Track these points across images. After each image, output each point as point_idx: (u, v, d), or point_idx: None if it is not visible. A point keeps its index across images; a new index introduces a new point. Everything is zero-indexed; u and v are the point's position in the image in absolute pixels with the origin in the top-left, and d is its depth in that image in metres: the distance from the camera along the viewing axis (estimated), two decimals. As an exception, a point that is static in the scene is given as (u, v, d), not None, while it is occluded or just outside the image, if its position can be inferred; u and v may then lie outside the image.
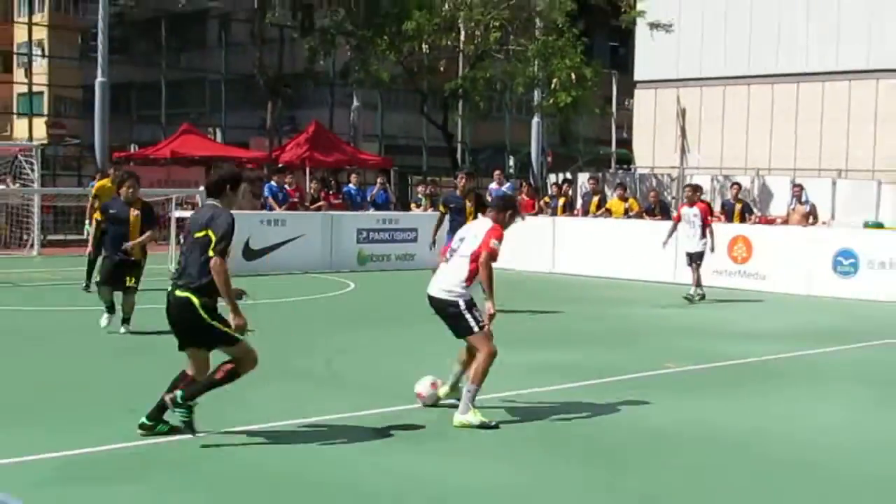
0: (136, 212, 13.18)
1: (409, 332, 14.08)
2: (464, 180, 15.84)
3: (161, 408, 7.78)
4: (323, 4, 34.38)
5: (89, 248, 17.65)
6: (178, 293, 7.71)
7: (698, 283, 18.59)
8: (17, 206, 27.80)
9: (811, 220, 24.39)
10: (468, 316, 8.66)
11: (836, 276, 19.85)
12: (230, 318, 7.66)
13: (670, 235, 18.79)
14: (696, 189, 19.33)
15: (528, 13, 33.53)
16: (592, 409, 9.38)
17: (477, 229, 9.01)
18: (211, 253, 7.57)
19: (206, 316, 7.67)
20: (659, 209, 24.48)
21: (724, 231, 20.83)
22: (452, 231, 15.50)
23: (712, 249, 18.74)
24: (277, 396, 9.48)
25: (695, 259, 18.62)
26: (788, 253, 20.53)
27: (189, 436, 7.70)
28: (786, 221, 25.04)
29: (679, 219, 18.97)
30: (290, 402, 9.32)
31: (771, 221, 26.30)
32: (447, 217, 15.84)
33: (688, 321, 16.04)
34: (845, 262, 19.85)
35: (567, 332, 14.65)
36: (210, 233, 7.63)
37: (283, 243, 22.61)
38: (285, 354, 11.67)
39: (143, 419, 7.85)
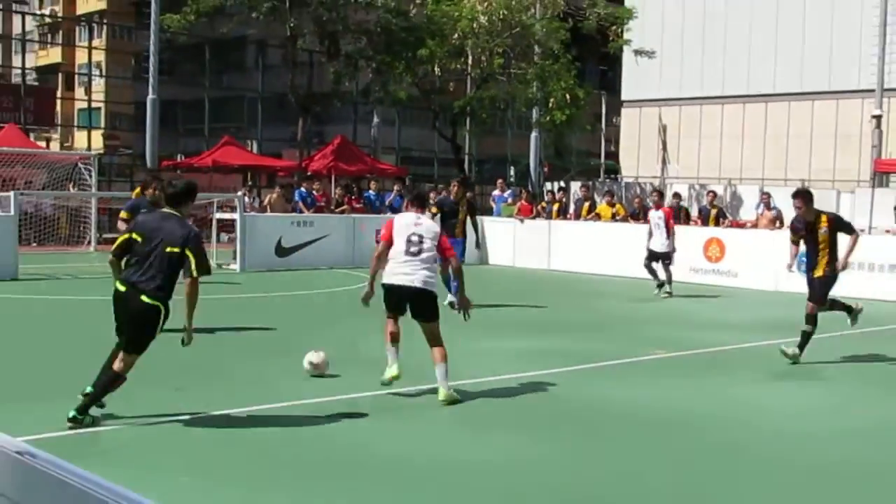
0: None
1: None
2: (456, 187, 15.81)
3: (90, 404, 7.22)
4: (347, 33, 34.29)
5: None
6: (147, 299, 7.16)
7: (670, 281, 18.39)
8: (76, 208, 27.81)
9: (778, 224, 24.24)
10: (436, 305, 8.90)
11: (801, 275, 19.68)
12: (185, 332, 7.34)
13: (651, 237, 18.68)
14: (661, 195, 19.33)
15: (527, 41, 33.48)
16: (577, 391, 9.32)
17: (433, 231, 9.00)
18: (194, 274, 7.20)
19: (160, 327, 7.30)
20: (642, 214, 24.37)
21: (700, 233, 20.75)
22: (446, 230, 15.48)
23: (673, 249, 18.49)
24: (300, 377, 9.44)
25: (662, 258, 18.41)
26: (757, 253, 20.43)
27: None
28: (755, 225, 24.91)
29: (672, 225, 18.76)
30: (322, 380, 9.25)
31: (742, 225, 26.17)
32: (438, 217, 15.70)
33: (666, 313, 15.96)
34: (808, 262, 19.72)
35: (558, 322, 14.57)
36: (189, 253, 7.22)
37: (311, 242, 22.59)
38: (311, 338, 11.64)
39: (74, 412, 7.12)
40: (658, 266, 18.40)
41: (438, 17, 32.64)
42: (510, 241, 24.73)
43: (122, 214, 12.37)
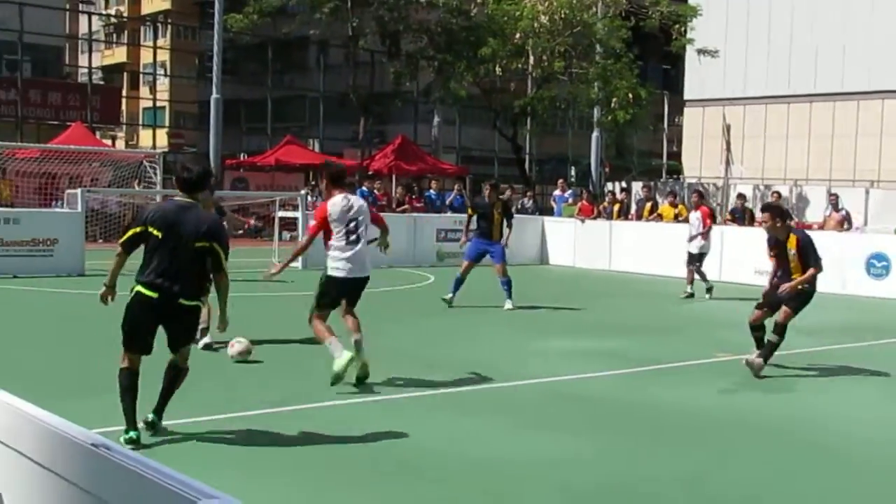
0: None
1: (481, 319, 14.03)
2: (489, 190, 15.69)
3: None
4: (408, 32, 34.38)
5: None
6: (185, 302, 6.69)
7: (703, 279, 18.09)
8: (141, 206, 28.21)
9: (846, 225, 23.85)
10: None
11: (870, 278, 19.39)
12: (219, 320, 6.99)
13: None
14: (701, 195, 19.20)
15: (589, 40, 33.31)
16: (639, 393, 9.24)
17: (364, 210, 9.01)
18: (224, 268, 6.78)
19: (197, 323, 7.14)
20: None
21: (765, 235, 20.38)
22: (482, 234, 15.42)
23: (707, 250, 18.18)
24: (377, 373, 9.48)
25: (697, 259, 18.13)
26: (825, 256, 20.01)
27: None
28: (822, 227, 24.50)
29: (709, 224, 18.40)
30: (389, 379, 9.28)
31: (808, 227, 25.73)
32: (475, 219, 15.67)
33: (731, 315, 15.74)
34: (878, 265, 19.38)
35: (618, 323, 14.45)
36: (216, 247, 6.70)
37: (372, 240, 22.61)
38: (377, 336, 11.69)
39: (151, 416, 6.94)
40: (695, 267, 18.12)
41: (499, 17, 32.62)
42: (571, 241, 24.64)
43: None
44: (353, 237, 8.74)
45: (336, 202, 8.81)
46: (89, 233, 20.90)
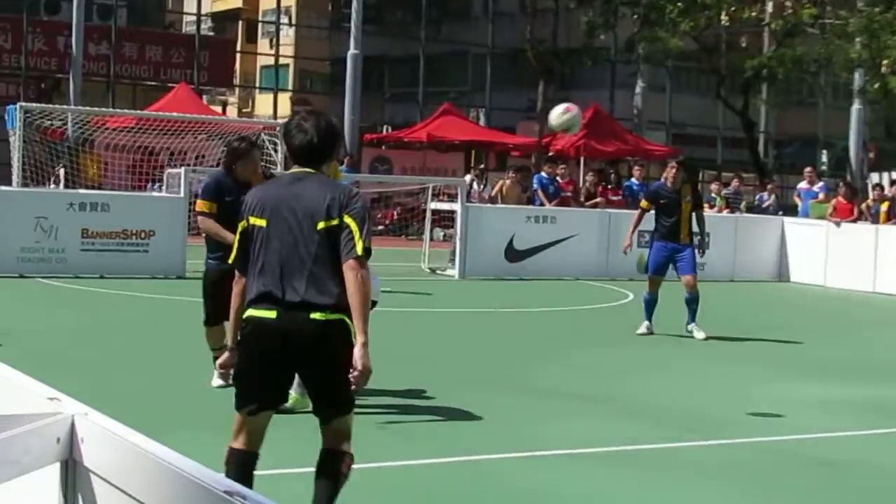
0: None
1: (691, 352, 13.90)
2: (675, 170, 14.94)
3: None
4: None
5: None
6: (320, 316, 5.53)
7: None
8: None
9: None
10: None
11: None
12: (359, 352, 5.49)
13: None
14: None
15: (851, -21, 32.67)
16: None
17: None
18: (359, 252, 5.53)
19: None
20: None
21: None
22: (662, 236, 14.80)
23: None
24: (549, 419, 9.54)
25: None
26: None
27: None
28: None
29: None
30: (564, 428, 9.34)
31: None
32: (653, 214, 14.88)
33: None
34: None
35: (880, 365, 14.09)
36: (349, 221, 5.58)
37: (553, 244, 22.74)
38: (555, 371, 11.77)
39: None
40: None
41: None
42: (821, 251, 24.15)
43: (201, 205, 10.06)
44: None
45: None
46: (191, 223, 21.40)
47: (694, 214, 14.88)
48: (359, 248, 5.51)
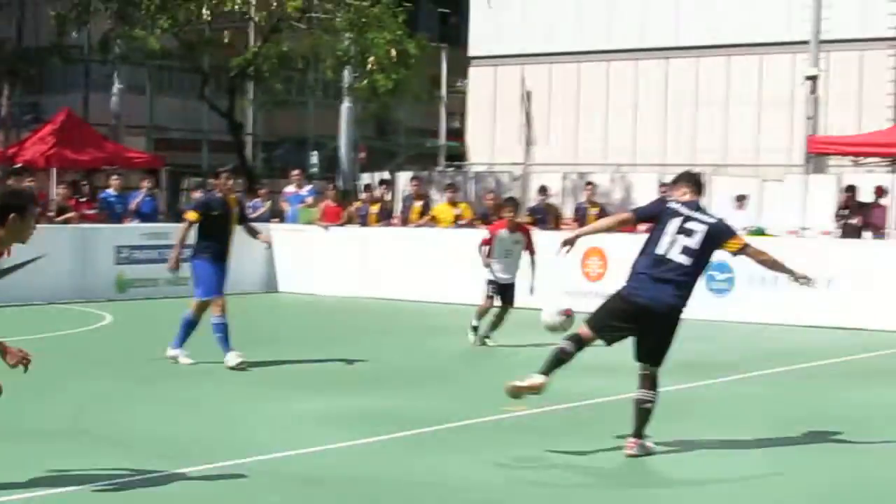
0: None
1: (175, 379, 13.99)
2: (224, 180, 15.12)
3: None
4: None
5: None
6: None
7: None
8: None
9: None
10: None
11: (710, 294, 20.09)
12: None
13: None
14: (516, 204, 18.60)
15: (335, -29, 33.60)
16: (402, 466, 9.53)
17: None
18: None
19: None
20: (498, 217, 24.67)
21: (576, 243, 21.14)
22: (212, 245, 14.85)
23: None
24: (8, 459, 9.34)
25: (506, 293, 17.49)
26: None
27: None
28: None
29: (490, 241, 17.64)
30: (23, 465, 9.16)
31: (633, 229, 26.86)
32: (196, 228, 15.00)
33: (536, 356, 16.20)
34: (720, 277, 20.35)
35: (382, 373, 14.72)
36: None
37: (19, 265, 22.05)
38: (19, 407, 11.49)
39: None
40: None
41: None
42: (310, 258, 24.80)
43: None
44: None
45: None
46: None
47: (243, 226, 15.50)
48: None
